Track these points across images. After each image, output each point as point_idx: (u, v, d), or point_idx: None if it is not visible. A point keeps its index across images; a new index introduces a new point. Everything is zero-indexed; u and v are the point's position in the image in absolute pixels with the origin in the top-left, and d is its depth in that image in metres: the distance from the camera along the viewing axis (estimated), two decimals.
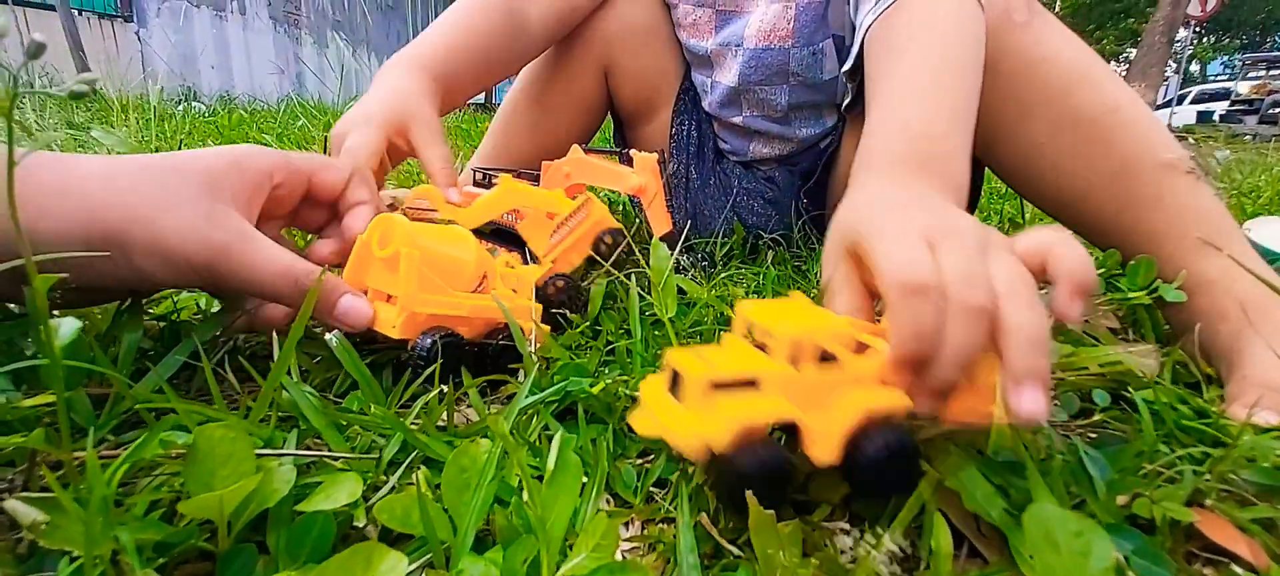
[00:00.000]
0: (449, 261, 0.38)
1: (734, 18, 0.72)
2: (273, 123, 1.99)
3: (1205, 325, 0.46)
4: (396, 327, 0.34)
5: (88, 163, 0.31)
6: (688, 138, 0.78)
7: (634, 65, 0.77)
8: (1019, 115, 0.55)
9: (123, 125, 1.37)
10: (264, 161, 0.35)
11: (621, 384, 0.36)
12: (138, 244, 0.30)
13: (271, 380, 0.28)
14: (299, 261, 0.34)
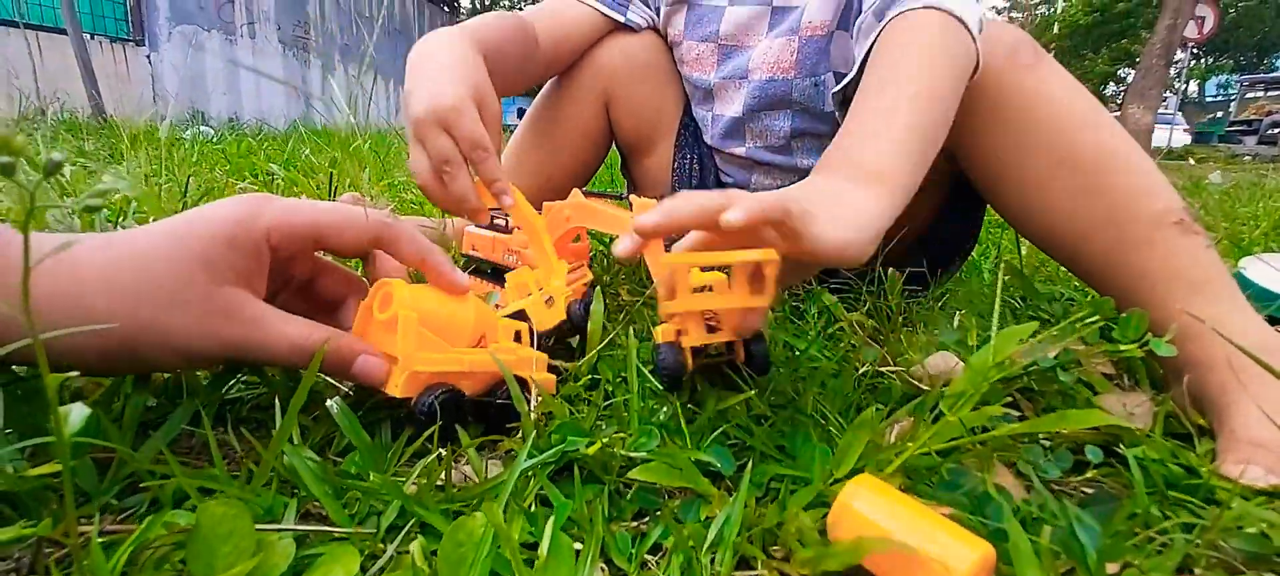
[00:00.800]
0: (448, 320, 0.38)
1: (737, 52, 0.74)
2: (279, 151, 2.02)
3: (1195, 374, 0.46)
4: (398, 387, 0.35)
5: (88, 263, 0.30)
6: (689, 171, 0.79)
7: (634, 98, 0.78)
8: (1019, 155, 0.56)
9: (132, 155, 1.39)
10: (259, 228, 0.34)
11: (619, 442, 0.37)
12: (149, 350, 0.30)
13: (273, 447, 0.29)
14: (312, 332, 0.34)
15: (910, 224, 0.71)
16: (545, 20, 0.72)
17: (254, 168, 1.70)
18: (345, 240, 0.38)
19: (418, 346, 0.35)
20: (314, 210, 0.36)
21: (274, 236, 0.35)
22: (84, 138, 2.08)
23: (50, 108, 2.55)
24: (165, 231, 0.32)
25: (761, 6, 0.72)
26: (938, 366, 0.49)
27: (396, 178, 1.76)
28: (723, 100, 0.75)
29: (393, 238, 0.39)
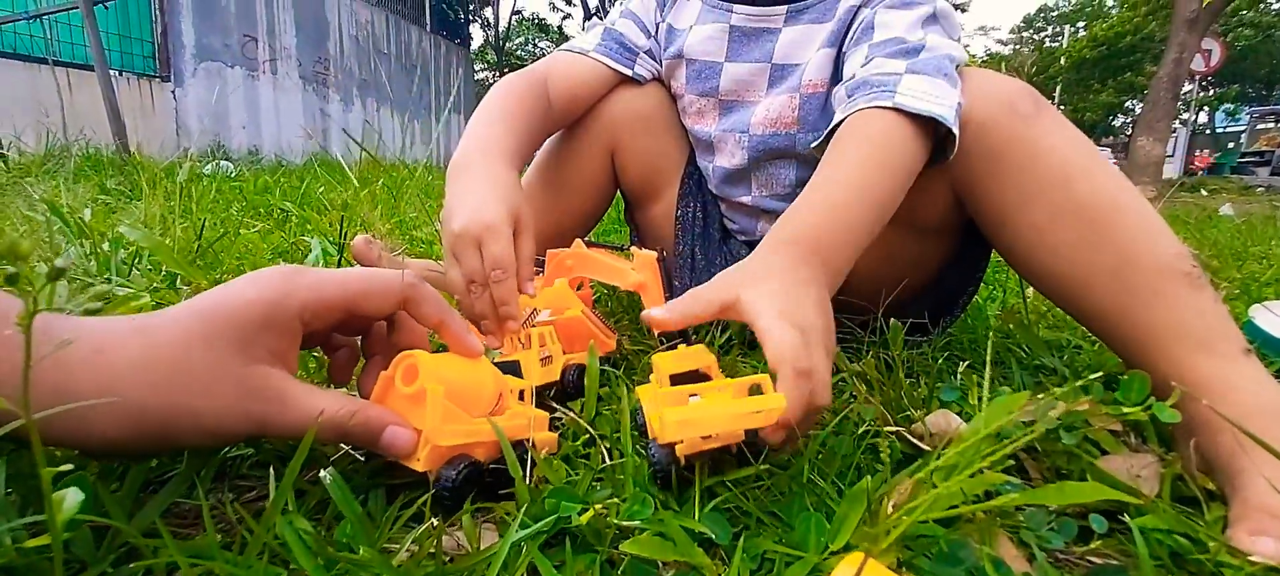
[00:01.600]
0: (469, 389, 0.39)
1: (738, 107, 0.75)
2: (295, 189, 2.05)
3: (1203, 437, 0.45)
4: (421, 460, 0.35)
5: (122, 350, 0.30)
6: (693, 219, 0.79)
7: (638, 148, 0.79)
8: (1021, 203, 0.56)
9: (151, 196, 1.42)
10: (292, 308, 0.35)
11: (613, 509, 0.37)
12: (184, 433, 0.31)
13: (266, 520, 0.29)
14: (339, 408, 0.34)
15: (918, 272, 0.72)
16: (558, 77, 0.74)
17: (269, 205, 1.74)
18: (373, 306, 0.39)
19: (443, 420, 0.36)
20: (342, 281, 0.37)
21: (306, 313, 0.36)
22: (107, 175, 2.13)
23: (76, 144, 2.62)
24: (199, 314, 0.33)
25: (761, 64, 0.73)
26: (938, 425, 0.48)
27: (406, 215, 1.79)
28: (723, 152, 0.76)
29: (417, 300, 0.40)
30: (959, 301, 0.73)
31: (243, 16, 6.21)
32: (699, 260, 0.79)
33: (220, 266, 0.97)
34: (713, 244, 0.80)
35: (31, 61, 4.32)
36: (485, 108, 0.66)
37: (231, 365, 0.32)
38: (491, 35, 15.87)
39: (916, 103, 0.55)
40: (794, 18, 0.71)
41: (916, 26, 0.62)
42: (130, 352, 0.31)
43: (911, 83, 0.56)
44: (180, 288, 0.80)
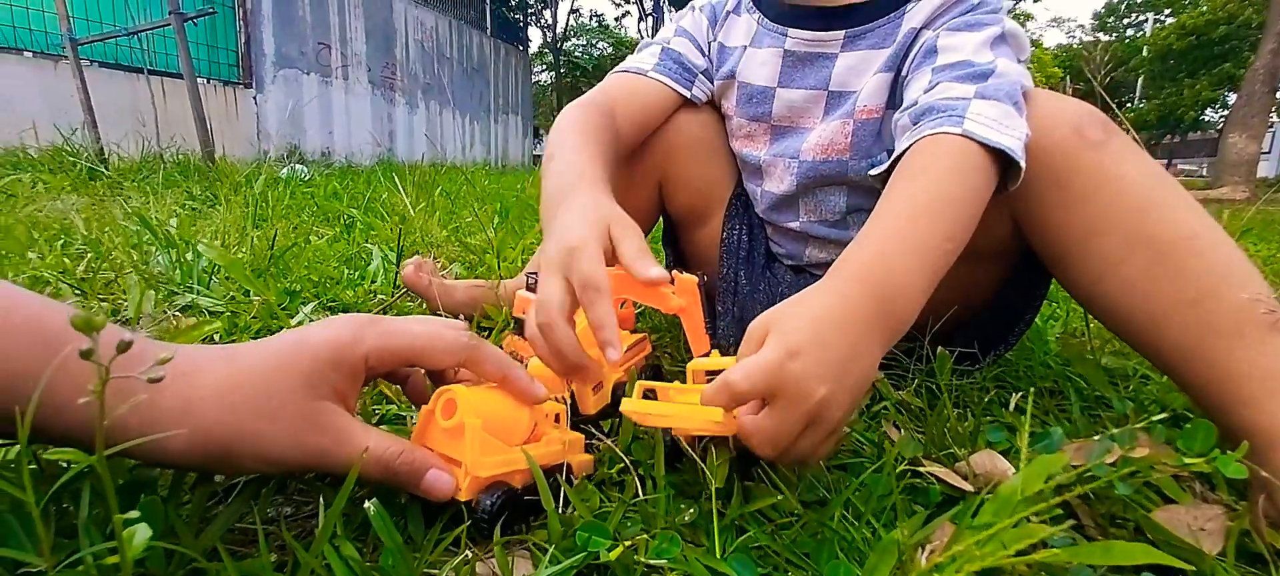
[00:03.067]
0: (506, 420, 0.41)
1: (790, 133, 0.73)
2: (361, 195, 2.15)
3: (1276, 492, 0.42)
4: (462, 490, 0.37)
5: (208, 374, 0.33)
6: (738, 242, 0.78)
7: (687, 176, 0.78)
8: (1088, 233, 0.53)
9: (232, 205, 1.52)
10: (359, 353, 0.38)
11: (643, 545, 0.37)
12: (244, 455, 0.34)
13: (315, 548, 0.32)
14: (388, 447, 0.37)
15: (972, 297, 0.69)
16: (624, 102, 0.72)
17: (337, 211, 1.83)
18: (436, 361, 0.42)
19: (481, 452, 0.38)
20: (409, 335, 0.40)
21: (372, 359, 0.38)
22: (193, 180, 2.29)
23: (167, 151, 2.83)
24: (277, 351, 0.36)
25: (816, 91, 0.71)
26: (983, 466, 0.47)
27: (463, 220, 1.85)
28: (772, 177, 0.74)
29: (478, 360, 0.42)
30: (1015, 329, 0.70)
31: (318, 25, 6.54)
32: (743, 284, 0.77)
33: (290, 275, 1.03)
34: (757, 268, 0.79)
35: (131, 71, 4.69)
36: (562, 139, 0.63)
37: (298, 396, 0.35)
38: (550, 37, 16.14)
39: (986, 131, 0.51)
40: (852, 43, 0.68)
41: (985, 48, 0.59)
42: (215, 378, 0.34)
43: (981, 108, 0.53)
44: (252, 298, 0.86)
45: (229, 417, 0.33)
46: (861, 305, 0.43)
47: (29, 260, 1.03)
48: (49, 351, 0.30)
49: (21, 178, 2.01)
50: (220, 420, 0.33)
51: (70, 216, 1.39)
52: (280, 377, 0.35)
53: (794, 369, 0.38)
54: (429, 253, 1.28)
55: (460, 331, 0.42)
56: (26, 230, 1.21)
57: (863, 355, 0.42)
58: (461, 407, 0.39)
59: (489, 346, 0.42)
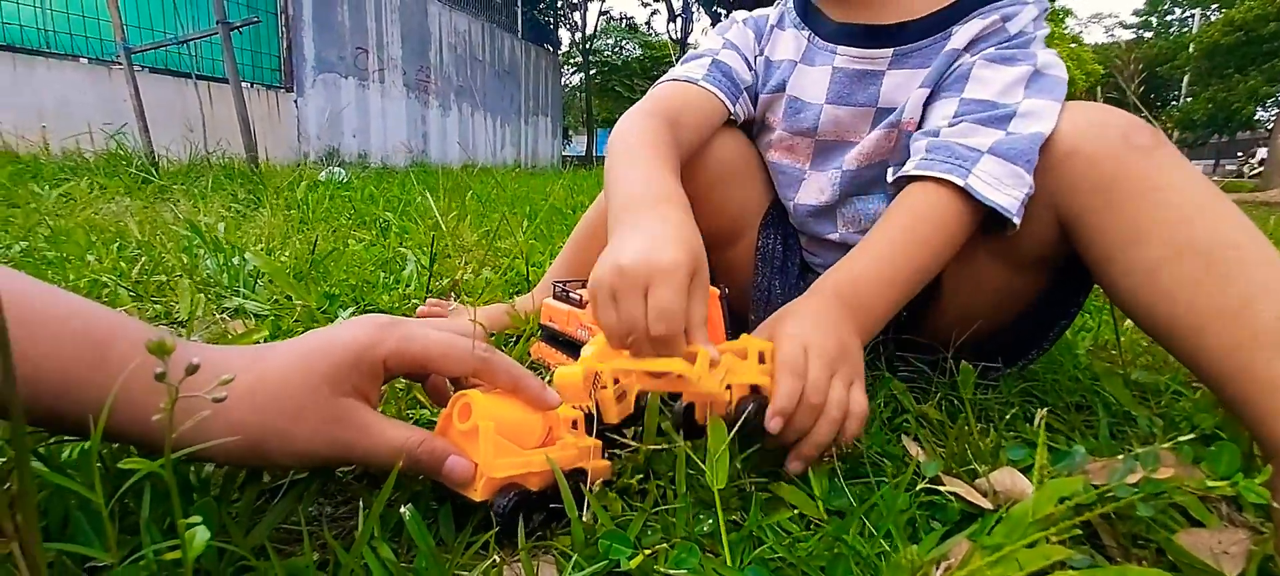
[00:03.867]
0: (520, 425, 0.43)
1: (835, 148, 0.73)
2: (397, 199, 2.21)
3: None
4: (478, 491, 0.39)
5: (239, 377, 0.35)
6: (773, 252, 0.78)
7: (722, 201, 0.77)
8: (1132, 238, 0.53)
9: (275, 209, 1.58)
10: (378, 354, 0.40)
11: (662, 554, 0.39)
12: (275, 451, 0.36)
13: (355, 550, 0.34)
14: (408, 437, 0.39)
15: (1009, 305, 0.69)
16: (685, 113, 0.70)
17: (373, 215, 1.88)
18: (449, 368, 0.43)
19: (495, 454, 0.40)
20: (425, 342, 0.42)
21: (391, 361, 0.41)
22: (238, 183, 2.38)
23: (214, 155, 2.94)
24: (301, 352, 0.38)
25: (865, 108, 0.71)
26: (1003, 484, 0.47)
27: (494, 222, 1.89)
28: (811, 189, 0.75)
29: (489, 370, 0.44)
30: (1047, 335, 0.70)
31: (356, 31, 6.71)
32: (777, 294, 0.77)
33: (329, 279, 1.07)
34: (791, 279, 0.78)
35: (180, 76, 4.89)
36: (633, 150, 0.61)
37: (321, 395, 0.37)
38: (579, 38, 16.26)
39: (988, 191, 0.57)
40: (899, 61, 0.69)
41: (1015, 87, 0.61)
42: (245, 379, 0.36)
43: (989, 166, 0.58)
44: (294, 302, 0.90)
45: (258, 416, 0.36)
46: (839, 312, 0.54)
47: (88, 263, 1.09)
48: (99, 354, 0.33)
49: (79, 182, 2.11)
50: (250, 419, 0.35)
51: (124, 220, 1.46)
52: (305, 377, 0.37)
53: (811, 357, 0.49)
54: (459, 258, 1.31)
55: (476, 342, 0.44)
56: (85, 233, 1.28)
57: (846, 339, 0.52)
58: (476, 411, 0.41)
59: (500, 356, 0.44)
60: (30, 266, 1.02)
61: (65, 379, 0.33)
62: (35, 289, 0.34)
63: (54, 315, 0.33)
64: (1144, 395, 0.72)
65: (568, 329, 0.74)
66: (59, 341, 0.33)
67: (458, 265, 1.24)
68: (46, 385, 0.32)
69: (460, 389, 0.47)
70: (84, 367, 0.33)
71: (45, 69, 4.29)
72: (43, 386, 0.32)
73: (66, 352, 0.33)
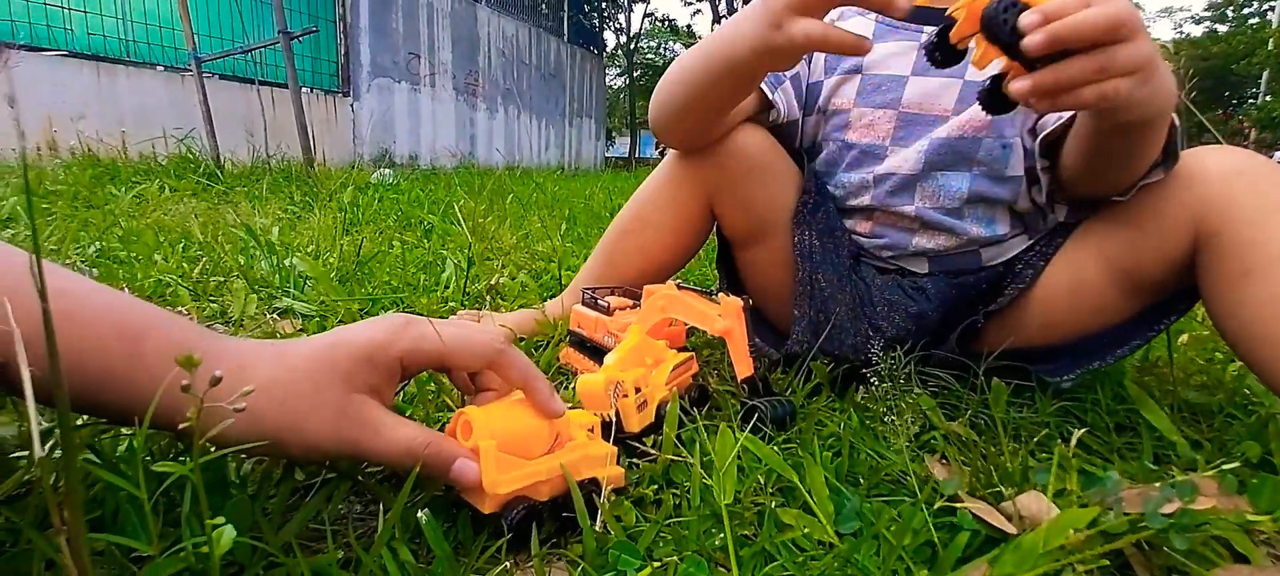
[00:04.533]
0: (524, 435, 0.43)
1: (920, 119, 0.73)
2: (440, 202, 2.27)
3: None
4: (485, 506, 0.40)
5: (259, 369, 0.38)
6: (809, 248, 0.76)
7: (748, 197, 0.78)
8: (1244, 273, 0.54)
9: (326, 212, 1.65)
10: (394, 353, 0.41)
11: (672, 566, 0.39)
12: (290, 444, 0.38)
13: (374, 551, 0.36)
14: (417, 437, 0.40)
15: (1092, 324, 0.68)
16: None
17: (418, 217, 1.95)
18: (465, 363, 0.45)
19: (498, 470, 0.40)
20: (442, 339, 0.43)
21: (407, 359, 0.42)
22: (295, 186, 2.49)
23: (274, 159, 3.09)
24: (318, 348, 0.40)
25: (952, 78, 0.71)
26: (1029, 508, 0.45)
27: (533, 225, 1.92)
28: (895, 161, 0.74)
29: (504, 364, 0.45)
30: (1115, 350, 0.67)
31: (409, 37, 6.92)
32: (821, 286, 0.75)
33: (373, 280, 1.12)
34: (841, 270, 0.76)
35: (245, 82, 5.14)
36: (688, 54, 0.69)
37: (335, 392, 0.39)
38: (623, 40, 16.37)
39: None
40: None
41: None
42: (266, 373, 0.38)
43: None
44: (337, 303, 0.94)
45: (276, 410, 0.37)
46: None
47: (155, 263, 1.16)
48: (134, 348, 0.36)
49: (152, 184, 2.25)
50: (268, 412, 0.37)
51: (189, 222, 1.55)
52: (321, 374, 0.39)
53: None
54: (497, 261, 1.34)
55: (491, 336, 0.45)
56: (154, 235, 1.36)
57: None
58: (477, 430, 0.41)
59: (514, 352, 0.45)
60: (104, 266, 1.10)
61: (103, 372, 0.35)
62: (74, 285, 0.36)
63: (92, 311, 0.36)
64: (1195, 416, 0.68)
65: (595, 335, 0.75)
66: (99, 337, 0.35)
67: (495, 268, 1.27)
68: (87, 377, 0.35)
69: (482, 388, 0.48)
70: (121, 361, 0.35)
71: (125, 76, 4.57)
72: (83, 379, 0.35)
73: (105, 347, 0.35)
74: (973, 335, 0.72)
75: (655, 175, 0.83)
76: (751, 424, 0.58)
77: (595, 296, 0.77)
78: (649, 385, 0.59)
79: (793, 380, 0.69)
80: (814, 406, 0.65)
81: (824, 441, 0.56)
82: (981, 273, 0.74)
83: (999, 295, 0.71)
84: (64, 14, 4.20)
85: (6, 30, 3.91)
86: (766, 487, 0.48)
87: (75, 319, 0.35)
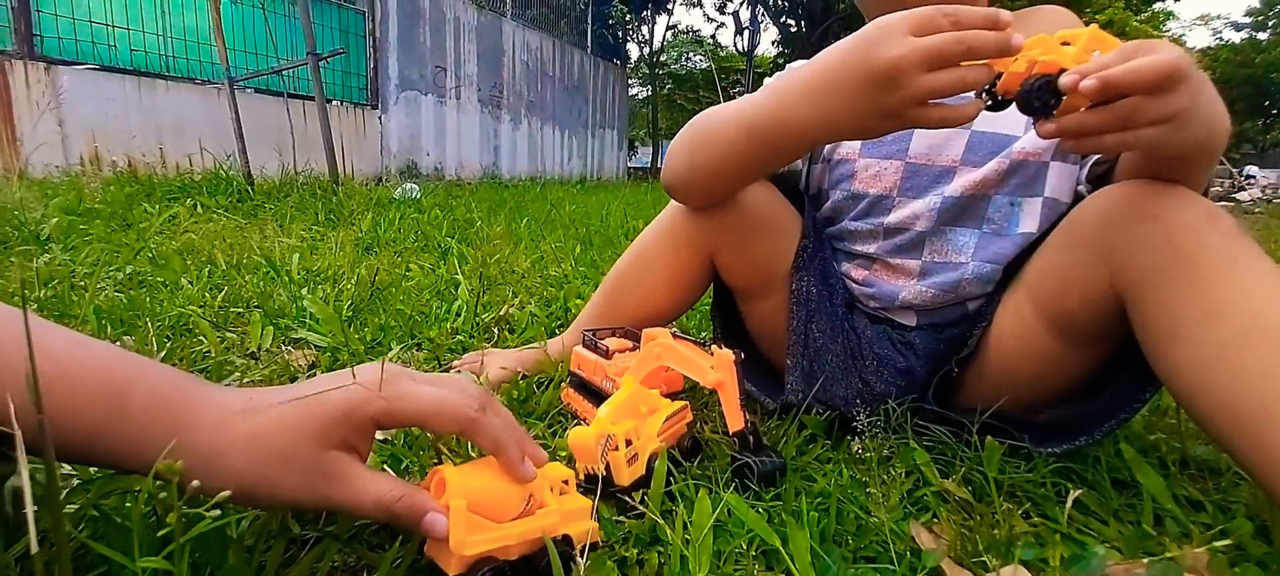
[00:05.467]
0: (496, 496, 0.44)
1: (926, 170, 0.73)
2: (459, 220, 2.31)
3: None
4: (452, 566, 0.41)
5: (236, 425, 0.39)
6: (807, 294, 0.76)
7: (751, 251, 0.78)
8: (1205, 316, 0.51)
9: (349, 237, 1.70)
10: (368, 413, 0.42)
11: None
12: (263, 497, 0.39)
13: None
14: (390, 490, 0.41)
15: (1056, 380, 0.67)
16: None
17: (437, 239, 1.98)
18: (441, 427, 0.46)
19: (467, 531, 0.41)
20: (416, 400, 0.44)
21: (381, 419, 0.43)
22: (320, 204, 2.56)
23: (302, 174, 3.18)
24: (295, 407, 0.41)
25: (957, 130, 0.71)
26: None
27: (548, 247, 1.94)
28: (905, 215, 0.73)
29: (476, 431, 0.45)
30: (1102, 426, 0.63)
31: (436, 50, 7.05)
32: (815, 337, 0.75)
33: (388, 308, 1.14)
34: (835, 319, 0.76)
35: (277, 95, 5.30)
36: (718, 110, 0.69)
37: (309, 447, 0.40)
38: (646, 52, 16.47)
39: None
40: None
41: None
42: (240, 427, 0.39)
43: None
44: (344, 343, 0.97)
45: (250, 464, 0.39)
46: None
47: (182, 287, 1.21)
48: (119, 403, 0.37)
49: (184, 202, 2.33)
50: (243, 465, 0.38)
51: (215, 247, 1.61)
52: (297, 430, 0.40)
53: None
54: (509, 287, 1.36)
55: (469, 399, 0.45)
56: (181, 260, 1.41)
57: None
58: (449, 489, 0.42)
59: (489, 419, 0.45)
60: (133, 292, 1.15)
61: (91, 426, 0.37)
62: (62, 341, 0.38)
63: (79, 367, 0.38)
64: (1201, 473, 0.67)
65: (594, 378, 0.76)
66: (87, 392, 0.37)
67: (507, 296, 1.30)
68: (75, 432, 0.36)
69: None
70: (108, 414, 0.37)
71: (164, 90, 4.74)
72: (71, 433, 0.36)
73: (91, 403, 0.37)
74: (949, 386, 0.71)
75: (658, 224, 0.83)
76: (740, 481, 0.58)
77: (596, 339, 0.78)
78: (640, 437, 0.60)
79: (786, 429, 0.69)
80: (805, 460, 0.65)
81: (812, 499, 0.57)
82: (962, 323, 0.73)
83: (968, 341, 0.70)
84: (108, 31, 4.37)
85: (54, 46, 4.09)
86: (749, 552, 0.49)
87: (65, 377, 0.36)
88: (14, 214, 1.78)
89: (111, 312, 0.99)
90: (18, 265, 1.25)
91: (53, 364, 0.36)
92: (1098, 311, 0.60)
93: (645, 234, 0.85)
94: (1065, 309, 0.62)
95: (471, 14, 7.49)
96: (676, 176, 0.73)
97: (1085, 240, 0.60)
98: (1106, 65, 0.46)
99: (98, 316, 0.94)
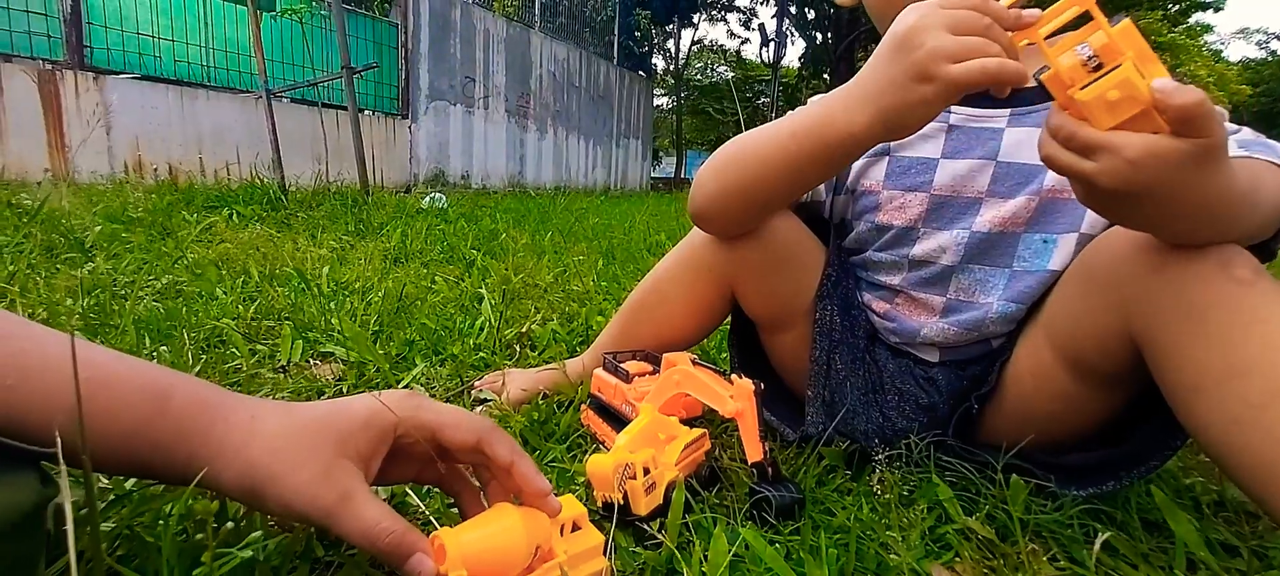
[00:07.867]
0: (500, 553, 0.43)
1: (952, 203, 0.71)
2: (485, 234, 2.34)
3: None
4: None
5: (266, 422, 0.40)
6: (830, 323, 0.75)
7: (773, 287, 0.77)
8: (1229, 373, 0.49)
9: (377, 248, 1.73)
10: (391, 419, 0.44)
11: None
12: (269, 498, 0.40)
13: None
14: (380, 522, 0.40)
15: (1081, 421, 0.65)
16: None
17: (464, 253, 2.01)
18: (457, 438, 0.46)
19: None
20: (435, 410, 0.46)
21: (402, 426, 0.45)
22: (351, 213, 2.61)
23: (335, 183, 3.26)
24: (321, 412, 0.43)
25: (984, 161, 0.69)
26: None
27: (572, 260, 1.95)
28: (931, 248, 0.72)
29: (491, 442, 0.46)
30: (1132, 471, 0.61)
31: (465, 61, 7.17)
32: (836, 369, 0.74)
33: (413, 322, 1.16)
34: (856, 351, 0.75)
35: (312, 105, 5.44)
36: (749, 136, 0.68)
37: (325, 452, 0.41)
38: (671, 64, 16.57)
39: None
40: (1018, 119, 0.68)
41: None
42: (272, 424, 0.41)
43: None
44: (370, 358, 0.99)
45: (267, 458, 0.40)
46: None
47: (217, 298, 1.25)
48: (160, 404, 0.39)
49: (221, 212, 2.40)
50: (260, 459, 0.39)
51: (249, 257, 1.65)
52: (319, 433, 0.41)
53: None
54: (531, 301, 1.37)
55: (483, 419, 0.48)
56: (216, 270, 1.46)
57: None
58: (450, 556, 0.40)
59: (502, 435, 0.47)
60: (171, 302, 1.19)
61: (132, 424, 0.38)
62: (102, 357, 0.40)
63: (121, 376, 0.39)
64: (1238, 515, 0.65)
65: (614, 402, 0.77)
66: (129, 393, 0.39)
67: (529, 311, 1.31)
68: (117, 429, 0.38)
69: (491, 480, 0.50)
70: (149, 414, 0.39)
71: (205, 99, 4.89)
72: (113, 431, 0.38)
73: (133, 404, 0.39)
74: (969, 422, 0.70)
75: (677, 254, 0.82)
76: (758, 513, 0.58)
77: (616, 362, 0.79)
78: (658, 466, 0.60)
79: (805, 459, 0.69)
80: (824, 492, 0.65)
81: (831, 534, 0.56)
82: (985, 360, 0.71)
83: (989, 376, 0.69)
84: (154, 42, 4.54)
85: (102, 57, 4.25)
86: None
87: (108, 383, 0.38)
88: (61, 221, 1.85)
89: (150, 323, 1.02)
90: (62, 275, 1.30)
91: (97, 371, 0.38)
92: (1114, 357, 0.58)
93: (664, 263, 0.84)
94: (1080, 352, 0.60)
95: (501, 26, 7.61)
96: (705, 200, 0.72)
97: (1098, 286, 0.58)
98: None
99: (136, 327, 0.98)
